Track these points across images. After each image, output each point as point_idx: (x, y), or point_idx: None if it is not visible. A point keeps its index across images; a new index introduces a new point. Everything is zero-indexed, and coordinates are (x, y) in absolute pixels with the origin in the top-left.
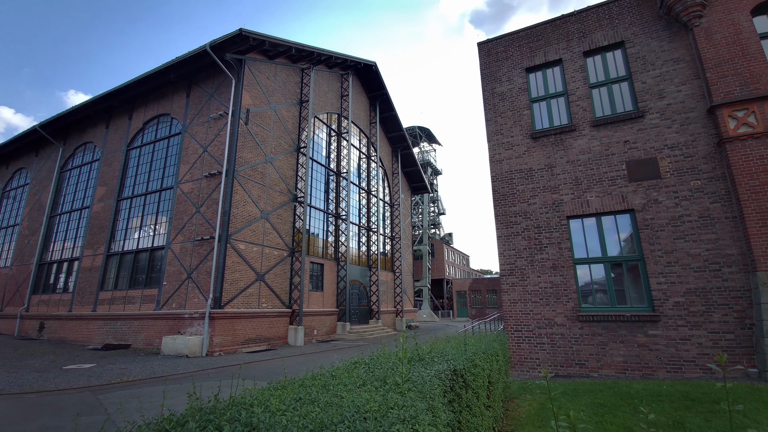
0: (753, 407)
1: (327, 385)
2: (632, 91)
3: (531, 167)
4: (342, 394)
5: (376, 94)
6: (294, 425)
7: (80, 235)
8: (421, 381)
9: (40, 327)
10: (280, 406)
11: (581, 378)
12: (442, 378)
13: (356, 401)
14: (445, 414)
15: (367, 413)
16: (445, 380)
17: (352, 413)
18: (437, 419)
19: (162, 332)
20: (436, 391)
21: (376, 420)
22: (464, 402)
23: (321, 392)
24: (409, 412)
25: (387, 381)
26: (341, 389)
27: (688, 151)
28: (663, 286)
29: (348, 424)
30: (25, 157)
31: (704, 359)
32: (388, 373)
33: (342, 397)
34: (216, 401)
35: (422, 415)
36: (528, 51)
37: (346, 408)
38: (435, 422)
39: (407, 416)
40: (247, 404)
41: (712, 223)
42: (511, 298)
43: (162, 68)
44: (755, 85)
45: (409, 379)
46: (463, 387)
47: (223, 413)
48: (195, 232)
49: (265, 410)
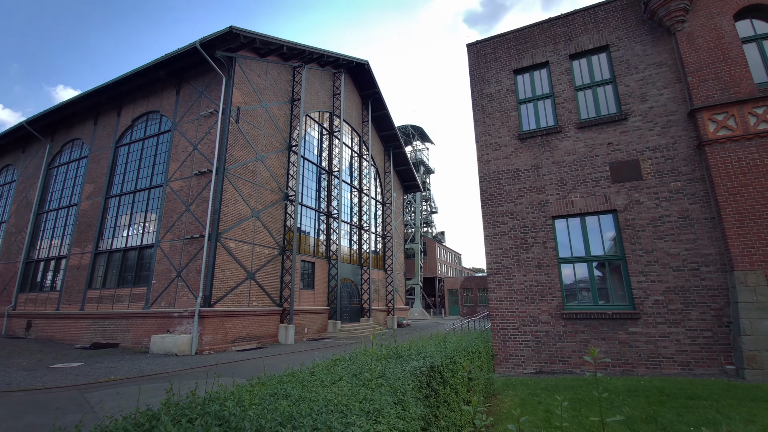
0: (727, 403)
1: (304, 381)
2: (616, 94)
3: (518, 168)
4: (316, 389)
5: (368, 92)
6: (262, 418)
7: (68, 233)
8: (394, 377)
9: (27, 326)
10: (253, 400)
11: (564, 374)
12: (416, 374)
13: (328, 396)
14: (418, 408)
15: (334, 407)
16: (421, 376)
17: (320, 407)
18: (406, 413)
19: (151, 331)
20: (407, 387)
21: (342, 413)
22: (442, 397)
23: (297, 388)
24: (374, 405)
25: (360, 377)
26: (317, 385)
27: (668, 153)
28: (643, 285)
29: (314, 417)
30: (12, 154)
31: (683, 356)
32: (363, 369)
33: (316, 392)
34: (193, 397)
35: (388, 409)
36: (516, 53)
37: (317, 402)
38: (404, 415)
39: (372, 409)
40: (221, 399)
41: (691, 224)
42: (498, 296)
43: (151, 65)
44: (735, 89)
45: (383, 375)
46: (441, 383)
47: (197, 408)
48: (185, 230)
49: (237, 404)
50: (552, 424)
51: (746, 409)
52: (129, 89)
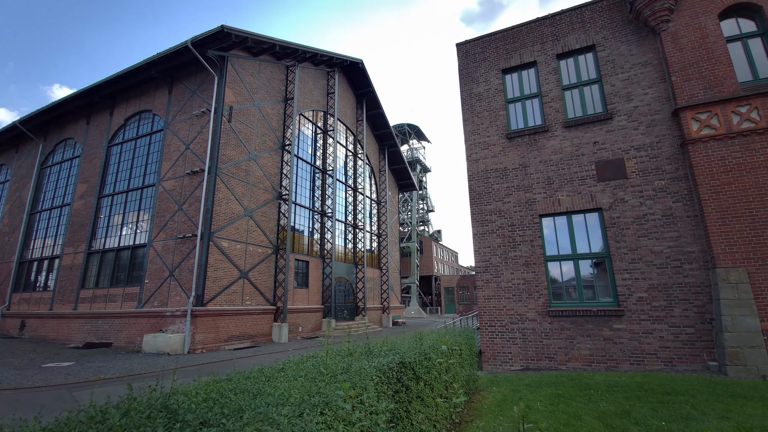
0: (704, 399)
1: (271, 377)
2: (602, 93)
3: (506, 167)
4: (278, 384)
5: (363, 91)
6: (210, 410)
7: (61, 232)
8: (356, 373)
9: (21, 326)
10: (209, 394)
11: (550, 371)
12: (383, 369)
13: (288, 391)
14: (382, 403)
15: (285, 400)
16: (389, 372)
17: (275, 400)
18: (363, 406)
19: (144, 330)
20: (367, 382)
21: (293, 405)
22: (414, 393)
23: (263, 383)
24: (323, 398)
25: (324, 373)
26: (281, 381)
27: (653, 152)
28: (627, 282)
29: (263, 409)
30: (5, 154)
31: (666, 352)
32: (332, 365)
33: (276, 387)
34: (152, 392)
35: (338, 401)
36: (504, 53)
37: (271, 396)
38: (361, 408)
39: (320, 402)
40: (179, 394)
41: (674, 222)
42: (486, 294)
43: (143, 64)
44: (719, 88)
45: (347, 371)
46: (414, 379)
47: (157, 402)
48: (177, 229)
49: (188, 398)
50: (529, 418)
51: (722, 406)
52: (121, 88)
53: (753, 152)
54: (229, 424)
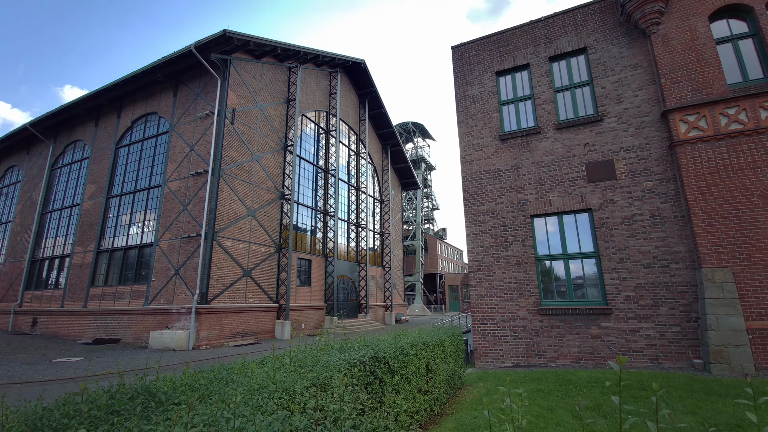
0: (678, 395)
1: (247, 371)
2: (593, 95)
3: (499, 168)
4: (256, 374)
5: (365, 91)
6: (183, 393)
7: (71, 232)
8: (325, 365)
9: (33, 322)
10: (185, 381)
11: (540, 368)
12: (353, 362)
13: (258, 381)
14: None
15: (248, 387)
16: (359, 364)
17: (242, 388)
18: (325, 394)
19: (150, 327)
20: (334, 373)
21: (257, 391)
22: (389, 385)
23: (239, 375)
24: (282, 385)
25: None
26: (258, 372)
27: (642, 153)
28: (615, 281)
29: (229, 396)
30: (17, 155)
31: (652, 350)
32: (306, 360)
33: (250, 378)
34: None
35: (295, 387)
36: (498, 55)
37: (241, 384)
38: (323, 396)
39: (279, 387)
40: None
41: (662, 222)
42: (479, 293)
43: (149, 67)
44: (707, 90)
45: (317, 364)
46: (388, 372)
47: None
48: (182, 229)
49: (167, 385)
50: (505, 411)
51: (694, 402)
52: (128, 91)
53: (740, 154)
54: (196, 403)
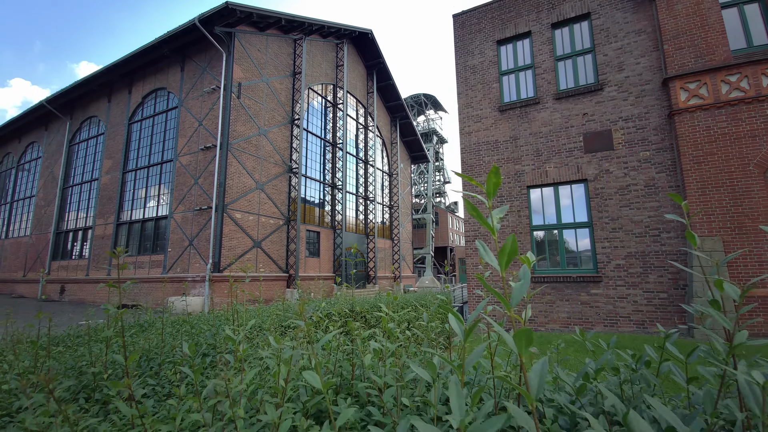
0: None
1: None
2: (594, 63)
3: (497, 139)
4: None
5: (373, 63)
6: (172, 327)
7: (92, 205)
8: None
9: (61, 290)
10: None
11: None
12: (329, 313)
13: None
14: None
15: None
16: (336, 315)
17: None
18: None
19: (169, 293)
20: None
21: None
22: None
23: (229, 321)
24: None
25: (269, 313)
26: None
27: (640, 123)
28: (607, 250)
29: (210, 330)
30: (36, 131)
31: (638, 315)
32: (281, 313)
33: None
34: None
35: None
36: (500, 23)
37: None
38: (296, 336)
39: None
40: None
41: (656, 192)
42: (475, 261)
43: (155, 42)
44: (710, 57)
45: (297, 315)
46: (364, 325)
47: (133, 326)
48: (194, 202)
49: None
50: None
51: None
52: (137, 67)
53: (739, 122)
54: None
